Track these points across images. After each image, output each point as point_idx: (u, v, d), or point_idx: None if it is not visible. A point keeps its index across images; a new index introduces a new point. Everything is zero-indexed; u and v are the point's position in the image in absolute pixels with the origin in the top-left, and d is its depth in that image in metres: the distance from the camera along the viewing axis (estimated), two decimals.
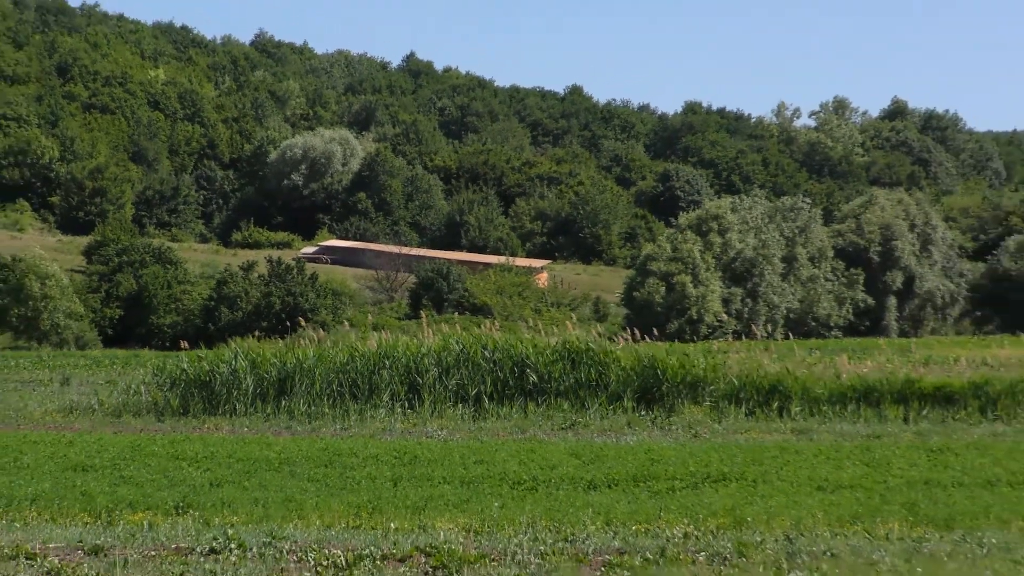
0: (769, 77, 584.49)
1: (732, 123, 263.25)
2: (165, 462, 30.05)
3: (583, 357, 44.34)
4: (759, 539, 19.56)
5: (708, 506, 23.10)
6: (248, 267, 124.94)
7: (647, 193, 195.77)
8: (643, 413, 41.66)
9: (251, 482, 26.91)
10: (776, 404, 42.07)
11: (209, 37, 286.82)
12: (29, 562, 18.01)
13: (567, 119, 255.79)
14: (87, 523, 21.96)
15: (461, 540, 19.77)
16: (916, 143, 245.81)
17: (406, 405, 43.30)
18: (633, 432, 37.90)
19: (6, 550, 18.67)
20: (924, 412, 40.91)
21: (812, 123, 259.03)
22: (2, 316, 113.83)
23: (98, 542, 19.65)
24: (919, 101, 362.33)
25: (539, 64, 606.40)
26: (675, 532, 20.31)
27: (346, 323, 77.83)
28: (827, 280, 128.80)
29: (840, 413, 41.29)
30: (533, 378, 43.84)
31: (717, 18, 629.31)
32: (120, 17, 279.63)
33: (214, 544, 19.27)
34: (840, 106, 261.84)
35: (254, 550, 18.91)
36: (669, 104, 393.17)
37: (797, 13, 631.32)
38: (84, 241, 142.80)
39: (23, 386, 57.62)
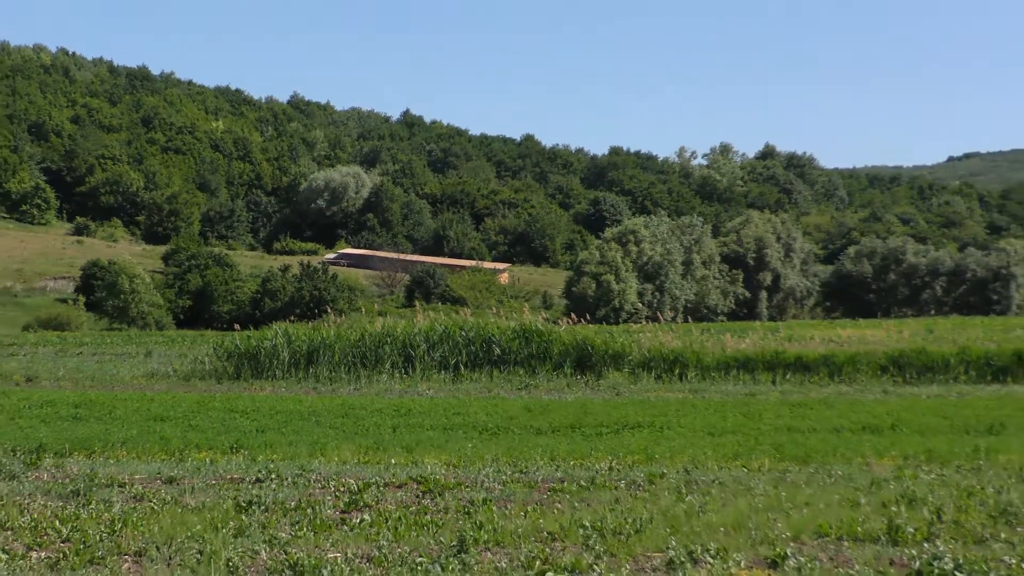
0: (673, 126, 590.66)
1: (645, 162, 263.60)
2: (223, 414, 29.95)
3: (534, 336, 44.38)
4: (665, 471, 19.53)
5: (627, 446, 23.06)
6: (285, 269, 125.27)
7: (582, 214, 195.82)
8: (578, 377, 41.75)
9: (287, 429, 26.83)
10: (677, 371, 42.20)
11: (256, 97, 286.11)
12: (121, 489, 17.92)
13: (522, 159, 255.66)
14: (164, 460, 21.87)
15: (443, 471, 19.72)
16: (781, 177, 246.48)
17: (402, 371, 43.37)
18: (571, 391, 37.91)
19: (103, 480, 18.59)
20: (787, 376, 41.07)
21: (704, 162, 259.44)
22: (101, 305, 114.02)
23: (172, 474, 19.58)
24: (784, 145, 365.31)
25: (502, 117, 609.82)
26: (602, 466, 20.28)
27: (362, 309, 77.68)
28: (715, 279, 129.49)
29: (724, 377, 41.42)
30: (497, 351, 43.92)
31: (635, 81, 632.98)
32: (190, 82, 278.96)
33: (259, 475, 19.23)
34: (725, 149, 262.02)
35: (289, 479, 18.87)
36: (598, 147, 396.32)
37: (694, 78, 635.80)
38: (162, 249, 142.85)
39: (116, 358, 57.43)
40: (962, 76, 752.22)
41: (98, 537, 14.06)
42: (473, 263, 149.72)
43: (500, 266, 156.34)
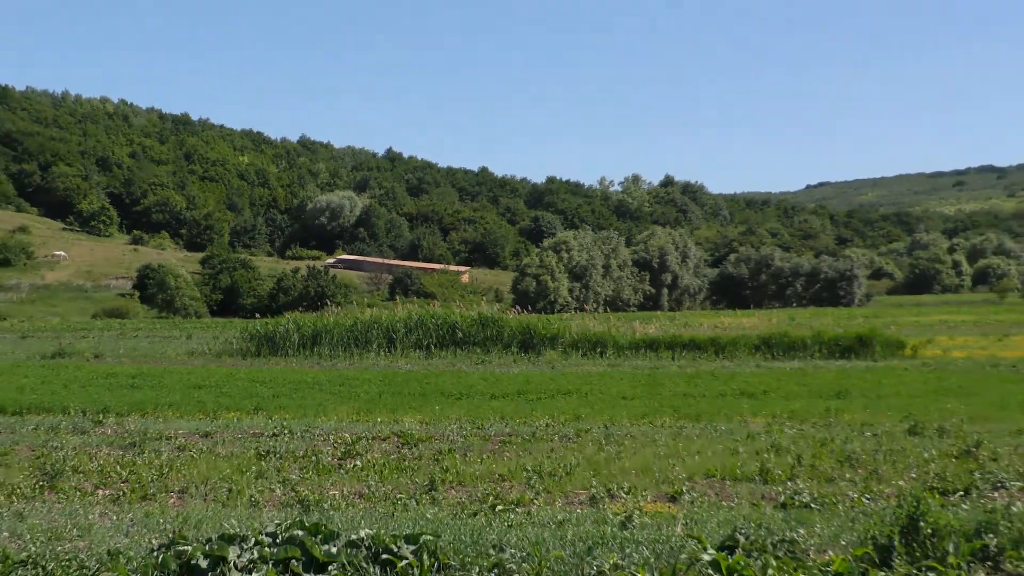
0: (596, 160, 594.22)
1: (574, 188, 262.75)
2: (247, 384, 29.82)
3: (489, 322, 44.38)
4: (589, 427, 19.59)
5: (560, 408, 23.09)
6: (295, 271, 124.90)
7: (526, 228, 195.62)
8: (523, 355, 41.73)
9: (297, 395, 26.74)
10: (599, 349, 42.21)
11: (273, 137, 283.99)
12: (167, 441, 17.93)
13: (479, 185, 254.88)
14: (201, 418, 21.80)
15: (418, 428, 19.73)
16: (679, 200, 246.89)
17: (386, 350, 43.26)
18: (517, 366, 37.88)
19: (154, 434, 18.62)
20: (683, 354, 41.15)
21: (620, 188, 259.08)
22: (152, 299, 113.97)
23: (207, 429, 19.57)
24: (681, 175, 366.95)
25: (463, 152, 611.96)
26: (541, 423, 20.32)
27: (355, 302, 77.39)
28: (628, 279, 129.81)
29: (635, 355, 41.48)
30: (460, 334, 43.88)
31: (566, 125, 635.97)
32: (221, 126, 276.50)
33: (275, 430, 19.22)
34: (636, 178, 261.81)
35: (298, 434, 18.84)
36: (538, 176, 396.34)
37: (613, 123, 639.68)
38: (200, 255, 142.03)
39: (163, 339, 57.10)
40: (816, 121, 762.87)
41: (150, 478, 14.09)
42: (441, 266, 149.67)
43: (462, 269, 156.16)
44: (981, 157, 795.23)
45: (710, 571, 7.42)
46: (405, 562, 7.76)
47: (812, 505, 11.65)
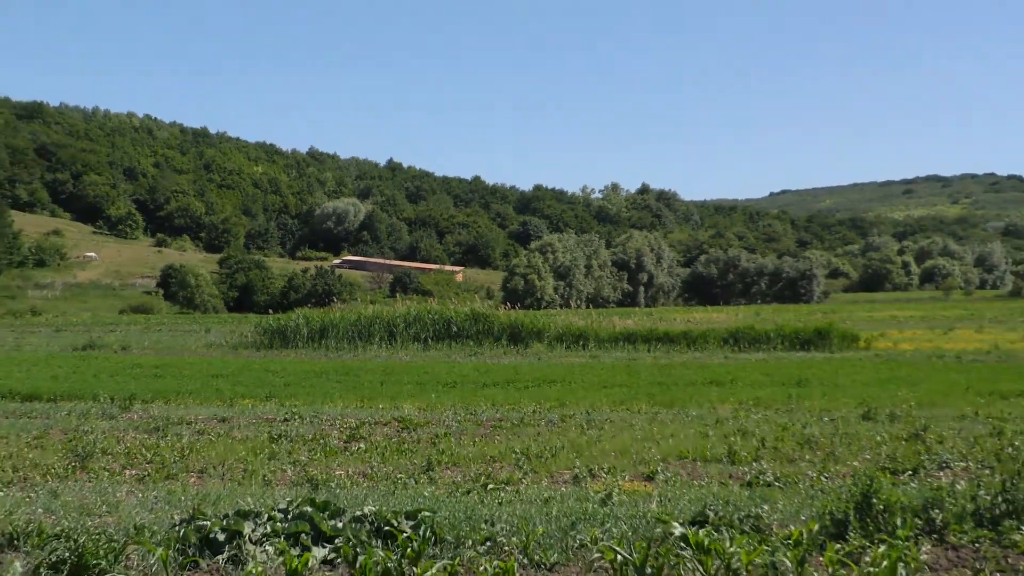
0: (578, 169, 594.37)
1: (558, 195, 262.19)
2: (260, 373, 29.76)
3: (481, 318, 44.36)
4: (572, 413, 19.58)
5: (546, 396, 23.09)
6: (304, 271, 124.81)
7: (514, 232, 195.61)
8: (512, 347, 41.75)
9: (306, 383, 26.69)
10: (581, 342, 42.23)
11: (284, 149, 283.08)
12: (188, 426, 17.90)
13: (472, 193, 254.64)
14: (219, 405, 21.76)
15: (416, 414, 19.71)
16: (654, 206, 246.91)
17: (387, 343, 43.23)
18: (506, 357, 37.88)
19: (176, 419, 18.58)
20: (658, 346, 41.20)
21: (600, 195, 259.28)
22: (174, 296, 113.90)
23: (225, 415, 19.53)
24: (656, 183, 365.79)
25: (458, 162, 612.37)
26: (528, 409, 20.30)
27: (358, 299, 77.35)
28: (608, 278, 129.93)
29: (614, 347, 41.50)
30: (454, 328, 43.86)
31: (552, 137, 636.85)
32: (238, 138, 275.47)
33: (286, 416, 19.17)
34: (615, 186, 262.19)
35: (307, 419, 18.81)
36: (526, 184, 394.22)
37: (593, 135, 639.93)
38: (218, 256, 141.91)
39: (184, 333, 56.96)
40: (779, 134, 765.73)
41: (172, 460, 14.08)
42: (437, 267, 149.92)
43: (456, 268, 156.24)
44: (928, 167, 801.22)
45: (682, 544, 7.44)
46: (405, 536, 7.77)
47: (775, 484, 11.68)
